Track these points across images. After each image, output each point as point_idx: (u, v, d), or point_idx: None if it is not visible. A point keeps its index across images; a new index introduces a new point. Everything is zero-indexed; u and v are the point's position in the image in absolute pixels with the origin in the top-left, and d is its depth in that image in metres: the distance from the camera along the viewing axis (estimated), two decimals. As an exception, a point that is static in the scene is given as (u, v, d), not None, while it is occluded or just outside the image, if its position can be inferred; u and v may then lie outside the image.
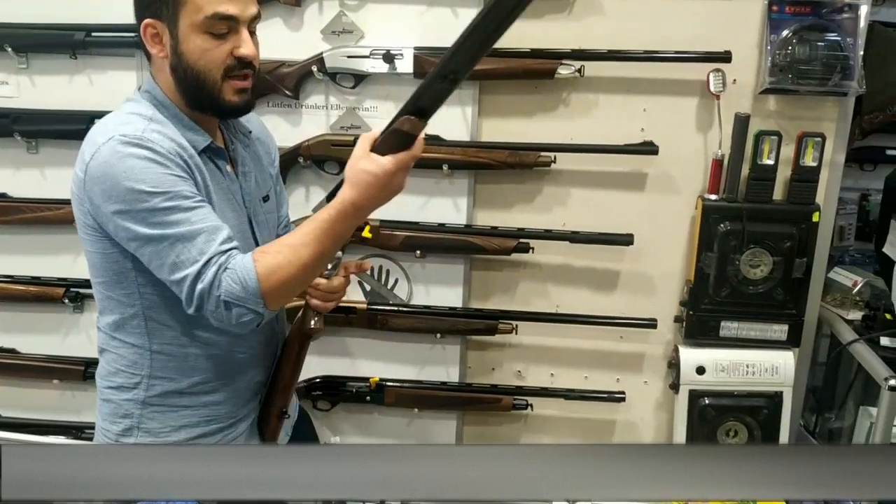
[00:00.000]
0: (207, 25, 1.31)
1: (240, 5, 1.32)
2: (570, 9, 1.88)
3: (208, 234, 1.28)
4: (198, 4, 1.30)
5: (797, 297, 1.92)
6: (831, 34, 1.82)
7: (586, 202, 1.98)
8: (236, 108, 1.39)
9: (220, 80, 1.34)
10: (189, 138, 1.36)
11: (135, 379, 1.44)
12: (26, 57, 1.98)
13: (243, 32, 1.33)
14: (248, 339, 1.46)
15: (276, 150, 1.63)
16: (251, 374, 1.50)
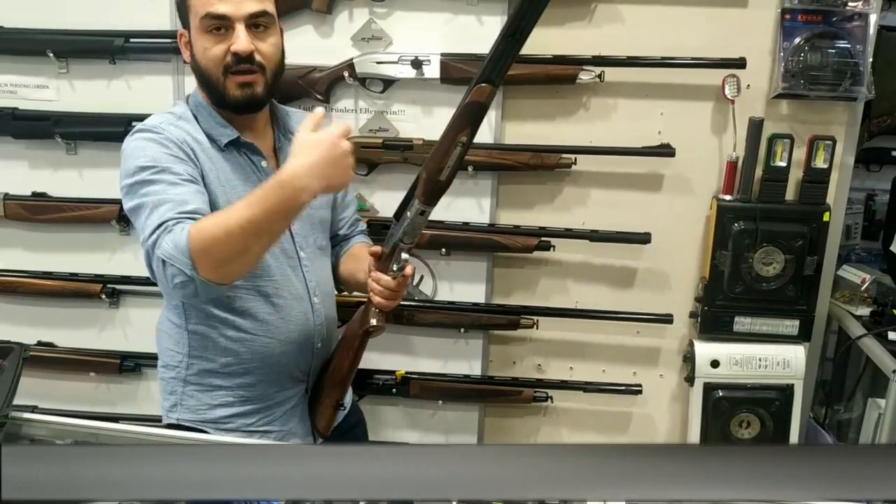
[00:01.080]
0: (205, 26, 1.42)
1: (232, 5, 1.40)
2: (590, 17, 1.96)
3: (174, 203, 1.32)
4: (196, 8, 1.43)
5: (808, 294, 2.00)
6: (842, 41, 1.89)
7: (605, 202, 2.05)
8: (241, 102, 1.45)
9: (223, 77, 1.43)
10: (214, 133, 1.48)
11: (178, 357, 1.56)
12: (66, 62, 2.06)
13: (238, 30, 1.41)
14: (277, 325, 1.53)
15: None
16: (285, 359, 1.55)
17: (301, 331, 1.56)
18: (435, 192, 1.41)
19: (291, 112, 1.67)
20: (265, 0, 1.44)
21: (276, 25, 1.49)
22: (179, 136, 1.44)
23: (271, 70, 1.46)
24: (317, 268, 1.60)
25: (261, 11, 1.43)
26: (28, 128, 2.08)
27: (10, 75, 2.09)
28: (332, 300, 1.66)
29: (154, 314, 2.18)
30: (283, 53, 1.51)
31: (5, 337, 2.20)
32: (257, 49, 1.43)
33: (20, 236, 2.17)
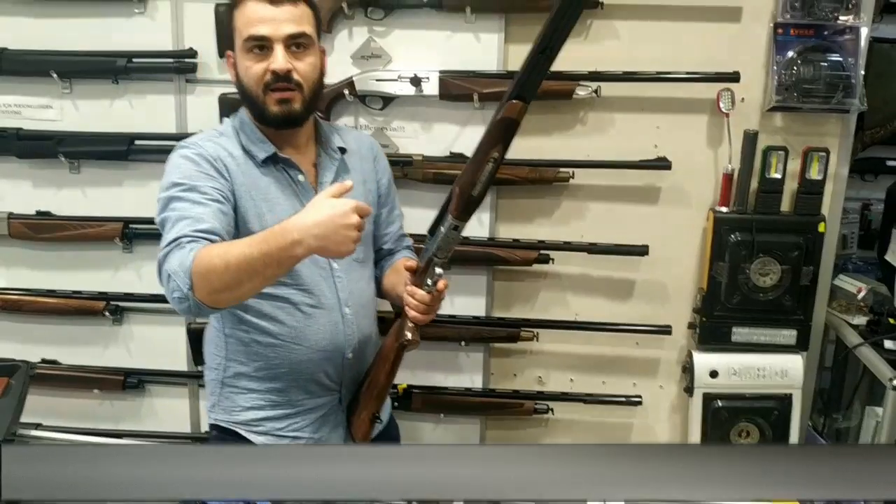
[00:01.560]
0: (248, 47, 1.51)
1: (271, 26, 1.49)
2: (586, 33, 1.99)
3: (192, 220, 1.39)
4: (241, 31, 1.52)
5: (805, 304, 2.02)
6: (834, 55, 1.92)
7: (603, 215, 2.08)
8: (279, 118, 1.53)
9: (262, 94, 1.52)
10: (252, 150, 1.55)
11: (217, 360, 1.63)
12: (70, 82, 2.08)
13: (277, 50, 1.49)
14: (306, 332, 1.57)
15: (384, 171, 1.76)
16: (313, 367, 1.60)
17: (331, 340, 1.60)
18: (468, 207, 1.48)
19: (341, 129, 1.76)
20: (303, 23, 1.52)
21: (315, 46, 1.56)
22: (214, 152, 1.52)
23: (309, 87, 1.54)
24: (351, 279, 1.63)
25: (299, 33, 1.51)
26: (32, 147, 2.10)
27: (15, 96, 2.11)
28: (368, 312, 1.69)
29: (157, 331, 2.22)
30: (321, 72, 1.59)
31: (10, 355, 2.22)
32: (295, 68, 1.51)
33: (24, 255, 2.19)
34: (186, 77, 2.06)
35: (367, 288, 1.70)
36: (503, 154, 1.42)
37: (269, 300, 1.55)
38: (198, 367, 2.20)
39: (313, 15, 1.57)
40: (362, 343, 1.66)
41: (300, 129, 1.58)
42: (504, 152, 1.42)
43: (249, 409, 1.62)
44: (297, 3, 1.52)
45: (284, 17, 1.49)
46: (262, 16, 1.49)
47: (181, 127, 2.09)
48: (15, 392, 1.38)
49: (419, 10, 1.97)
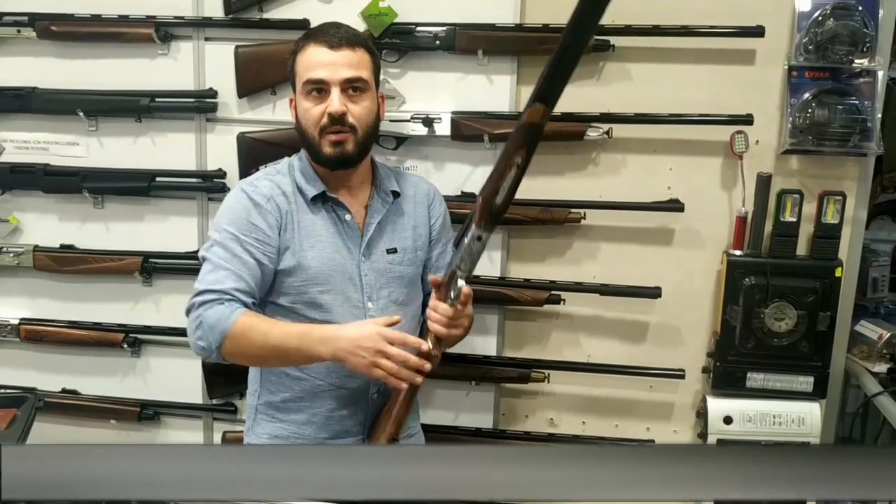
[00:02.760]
0: (306, 90, 1.59)
1: (329, 70, 1.57)
2: (598, 75, 1.99)
3: (233, 275, 1.52)
4: (301, 75, 1.61)
5: (822, 350, 1.97)
6: (850, 98, 1.90)
7: (615, 256, 2.07)
8: (332, 159, 1.60)
9: (318, 136, 1.59)
10: (304, 188, 1.63)
11: (254, 386, 1.71)
12: (96, 120, 2.16)
13: (333, 93, 1.56)
14: (330, 369, 1.60)
15: (438, 216, 1.78)
16: (334, 405, 1.64)
17: (357, 379, 1.62)
18: (492, 216, 1.46)
19: (401, 173, 1.82)
20: (361, 68, 1.59)
21: (372, 91, 1.63)
22: (268, 191, 1.62)
23: (363, 130, 1.59)
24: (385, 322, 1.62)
25: (355, 77, 1.58)
26: (58, 183, 2.17)
27: (44, 133, 2.19)
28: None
29: (174, 363, 2.26)
30: (377, 116, 1.65)
31: (32, 383, 2.29)
32: (350, 111, 1.57)
33: (48, 286, 2.26)
34: (207, 116, 2.12)
35: (404, 327, 1.66)
36: (526, 160, 1.40)
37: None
38: (212, 399, 2.23)
39: (372, 61, 1.63)
40: (381, 385, 1.65)
41: (354, 170, 1.64)
42: (528, 158, 1.39)
43: (276, 437, 1.67)
44: (355, 48, 1.59)
45: (342, 62, 1.56)
46: (321, 60, 1.57)
47: (201, 164, 2.14)
48: (20, 424, 1.42)
49: (433, 52, 2.00)
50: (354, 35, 1.63)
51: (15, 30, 2.10)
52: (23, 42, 2.13)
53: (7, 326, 2.24)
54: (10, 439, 1.37)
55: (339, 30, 1.61)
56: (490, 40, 1.96)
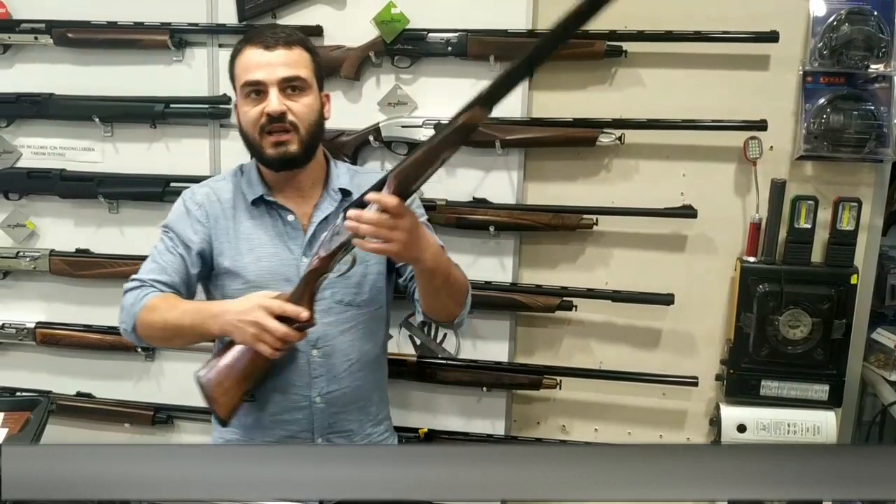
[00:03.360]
0: (245, 92, 1.59)
1: (266, 71, 1.55)
2: (611, 80, 1.99)
3: (158, 268, 1.61)
4: (239, 77, 1.61)
5: (837, 358, 1.95)
6: (865, 103, 1.88)
7: (628, 262, 2.06)
8: (275, 160, 1.58)
9: (259, 137, 1.57)
10: (244, 190, 1.65)
11: None
12: (111, 126, 2.17)
13: (271, 93, 1.55)
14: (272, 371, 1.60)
15: None
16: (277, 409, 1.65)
17: (294, 381, 1.62)
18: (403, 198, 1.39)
19: (360, 171, 1.78)
20: (299, 67, 1.58)
21: (313, 90, 1.61)
22: (202, 198, 1.66)
23: (305, 129, 1.58)
24: (329, 322, 1.62)
25: (292, 76, 1.56)
26: (74, 188, 2.19)
27: (60, 139, 2.21)
28: (349, 359, 1.66)
29: (187, 367, 2.25)
30: (319, 115, 1.62)
31: (47, 387, 2.31)
32: (290, 109, 1.56)
33: (63, 290, 2.28)
34: (220, 122, 2.13)
35: (351, 334, 1.66)
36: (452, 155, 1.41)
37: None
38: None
39: (311, 59, 1.62)
40: (337, 391, 1.64)
41: (302, 170, 1.62)
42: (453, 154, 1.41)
43: (227, 441, 1.69)
44: (291, 47, 1.58)
45: (278, 62, 1.55)
46: (258, 61, 1.56)
47: (215, 170, 2.15)
48: (32, 427, 1.43)
49: (444, 58, 2.00)
50: (290, 34, 1.62)
51: (32, 37, 2.12)
52: (40, 49, 2.15)
53: (23, 330, 2.26)
54: (23, 442, 1.38)
55: (274, 31, 1.62)
56: (502, 46, 1.96)
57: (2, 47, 2.17)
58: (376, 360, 1.73)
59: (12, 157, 2.23)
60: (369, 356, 1.70)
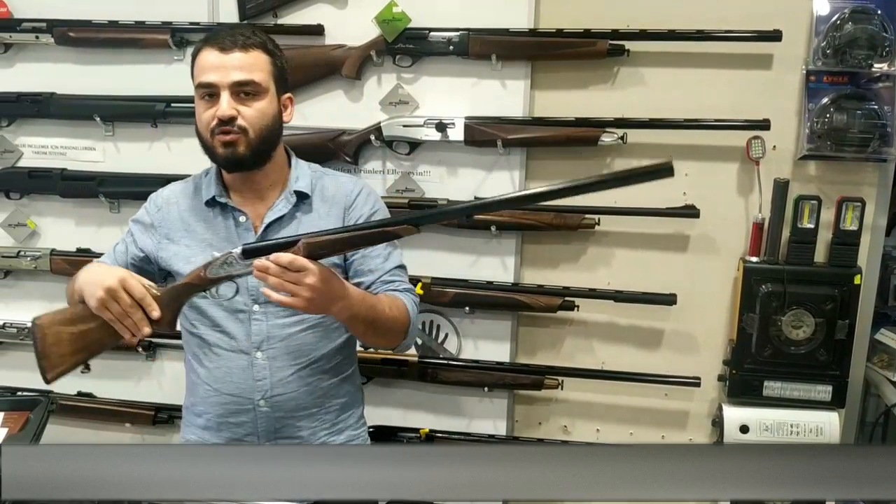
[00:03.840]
0: (200, 94, 1.58)
1: (219, 73, 1.53)
2: (613, 80, 1.98)
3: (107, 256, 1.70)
4: (195, 77, 1.59)
5: (840, 359, 1.95)
6: (869, 103, 1.87)
7: (630, 262, 2.05)
8: (225, 161, 1.57)
9: (210, 138, 1.56)
10: (203, 191, 1.65)
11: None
12: (112, 125, 2.17)
13: (223, 97, 1.53)
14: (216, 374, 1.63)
15: (358, 218, 1.62)
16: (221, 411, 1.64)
17: (239, 385, 1.60)
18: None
19: (326, 173, 1.69)
20: (254, 70, 1.54)
21: (269, 94, 1.56)
22: (162, 200, 1.69)
23: (255, 132, 1.54)
24: (273, 324, 1.59)
25: (245, 80, 1.53)
26: (75, 187, 2.19)
27: (61, 138, 2.21)
28: (293, 361, 1.60)
29: (188, 367, 2.26)
30: (273, 119, 1.57)
31: (48, 387, 2.30)
32: (241, 114, 1.53)
33: (65, 290, 2.25)
34: (222, 121, 2.12)
35: (301, 337, 1.61)
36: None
37: (196, 338, 1.63)
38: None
39: (270, 62, 1.57)
40: (283, 395, 1.59)
41: (259, 172, 1.59)
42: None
43: (187, 440, 1.71)
44: (248, 50, 1.54)
45: (232, 65, 1.53)
46: (212, 63, 1.54)
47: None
48: (32, 427, 1.43)
49: (446, 57, 1.99)
50: (249, 37, 1.57)
51: (34, 36, 2.12)
52: (41, 48, 2.15)
53: (24, 329, 2.25)
54: (23, 442, 1.37)
55: (233, 33, 1.57)
56: (504, 45, 1.95)
57: (3, 46, 2.17)
58: (335, 364, 1.66)
59: (13, 157, 2.22)
60: (324, 360, 1.63)
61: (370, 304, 1.50)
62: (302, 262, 1.33)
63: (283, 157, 1.66)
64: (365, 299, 1.49)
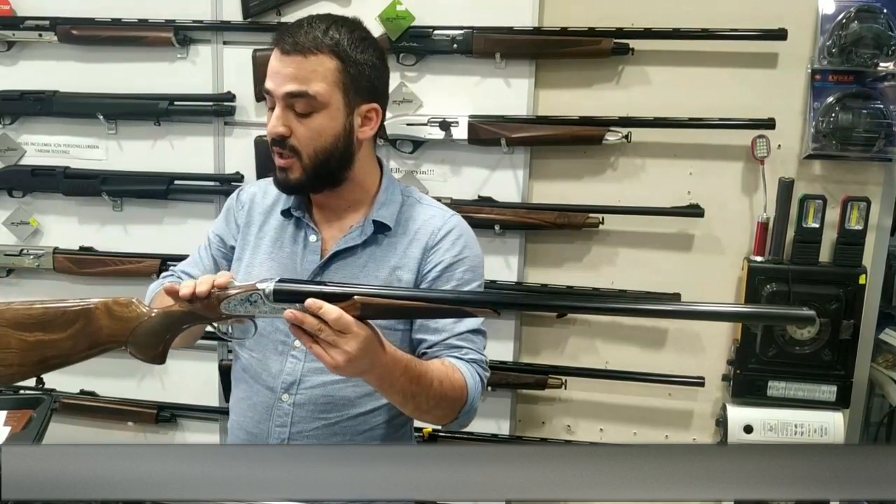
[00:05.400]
0: (267, 101, 1.35)
1: (275, 81, 1.31)
2: (618, 78, 1.98)
3: (190, 261, 1.52)
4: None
5: (845, 359, 1.94)
6: (874, 102, 1.86)
7: (634, 262, 2.04)
8: (279, 184, 1.37)
9: (272, 153, 1.35)
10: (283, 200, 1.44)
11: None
12: (115, 123, 2.17)
13: (275, 110, 1.31)
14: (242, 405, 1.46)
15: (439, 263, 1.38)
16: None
17: (258, 425, 1.41)
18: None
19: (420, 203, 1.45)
20: (312, 81, 1.29)
21: (331, 107, 1.31)
22: (247, 197, 1.50)
23: (310, 156, 1.31)
24: (310, 367, 1.37)
25: (298, 92, 1.29)
26: (78, 186, 2.19)
27: (64, 136, 2.21)
28: (319, 413, 1.38)
29: (191, 366, 2.26)
30: (336, 137, 1.32)
31: (51, 385, 2.29)
32: (293, 132, 1.31)
33: (67, 288, 2.27)
34: (225, 119, 2.12)
35: (333, 386, 1.38)
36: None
37: (239, 362, 1.47)
38: (228, 402, 2.23)
39: (339, 69, 1.31)
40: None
41: (332, 193, 1.38)
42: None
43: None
44: (310, 54, 1.29)
45: (288, 73, 1.29)
46: (273, 67, 1.32)
47: (219, 168, 2.15)
48: (35, 425, 1.42)
49: (450, 55, 1.99)
50: (317, 37, 1.30)
51: (37, 34, 2.12)
52: (44, 46, 2.15)
53: (27, 328, 2.25)
54: (25, 441, 1.37)
55: (299, 30, 1.31)
56: (508, 43, 1.94)
57: (6, 44, 2.16)
58: (370, 427, 1.41)
59: (16, 155, 2.22)
60: (361, 421, 1.40)
61: (415, 374, 1.23)
62: (347, 323, 1.09)
63: (371, 174, 1.42)
64: (409, 369, 1.22)
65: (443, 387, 1.27)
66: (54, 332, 1.21)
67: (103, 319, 1.24)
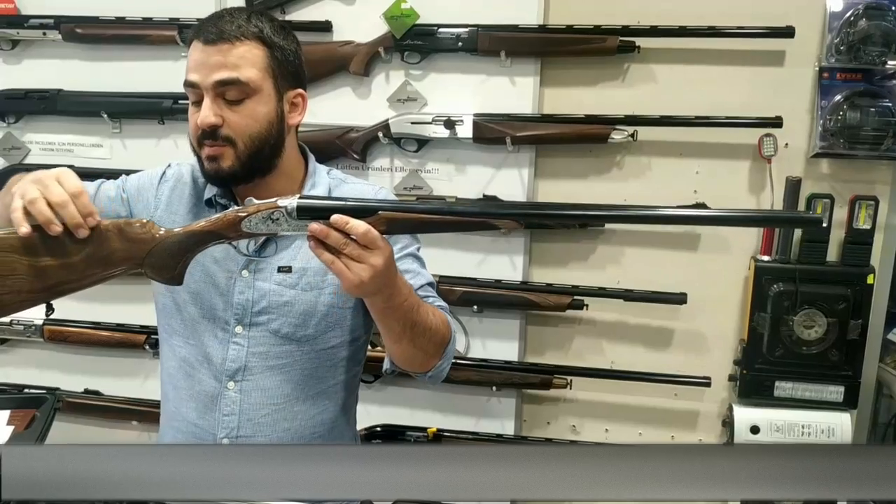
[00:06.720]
0: (188, 94, 1.33)
1: (201, 72, 1.28)
2: (623, 77, 1.96)
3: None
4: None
5: (853, 359, 1.92)
6: (882, 100, 1.85)
7: (640, 261, 2.03)
8: (209, 176, 1.35)
9: (198, 147, 1.32)
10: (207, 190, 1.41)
11: None
12: (119, 122, 2.17)
13: (205, 101, 1.29)
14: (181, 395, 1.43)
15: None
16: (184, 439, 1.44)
17: (202, 414, 1.38)
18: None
19: (350, 184, 1.47)
20: (241, 67, 1.29)
21: (263, 93, 1.31)
22: (173, 174, 1.46)
23: (244, 143, 1.30)
24: (255, 353, 1.37)
25: (230, 79, 1.28)
26: (82, 184, 2.18)
27: (68, 135, 2.21)
28: (267, 401, 1.38)
29: (195, 365, 2.25)
30: (269, 123, 1.32)
31: (56, 383, 2.30)
32: (226, 120, 1.29)
33: (72, 287, 2.26)
34: (229, 118, 2.11)
35: (282, 375, 1.37)
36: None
37: (171, 341, 1.43)
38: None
39: (267, 54, 1.32)
40: (251, 438, 1.37)
41: (261, 183, 1.35)
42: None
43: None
44: (237, 42, 1.29)
45: (215, 62, 1.27)
46: (196, 59, 1.30)
47: (223, 166, 2.14)
48: (38, 424, 1.41)
49: (455, 53, 1.98)
50: (241, 25, 1.30)
51: (41, 32, 2.12)
52: (48, 44, 2.15)
53: (31, 327, 2.25)
54: (29, 440, 1.37)
55: (220, 20, 1.31)
56: (513, 41, 1.94)
57: (10, 43, 2.16)
58: (320, 411, 1.41)
59: (21, 154, 2.22)
60: (306, 406, 1.40)
61: (415, 300, 1.25)
62: (374, 238, 1.09)
63: (296, 162, 1.43)
64: (412, 294, 1.25)
65: (435, 318, 1.29)
66: (64, 256, 1.16)
67: (116, 241, 1.18)
